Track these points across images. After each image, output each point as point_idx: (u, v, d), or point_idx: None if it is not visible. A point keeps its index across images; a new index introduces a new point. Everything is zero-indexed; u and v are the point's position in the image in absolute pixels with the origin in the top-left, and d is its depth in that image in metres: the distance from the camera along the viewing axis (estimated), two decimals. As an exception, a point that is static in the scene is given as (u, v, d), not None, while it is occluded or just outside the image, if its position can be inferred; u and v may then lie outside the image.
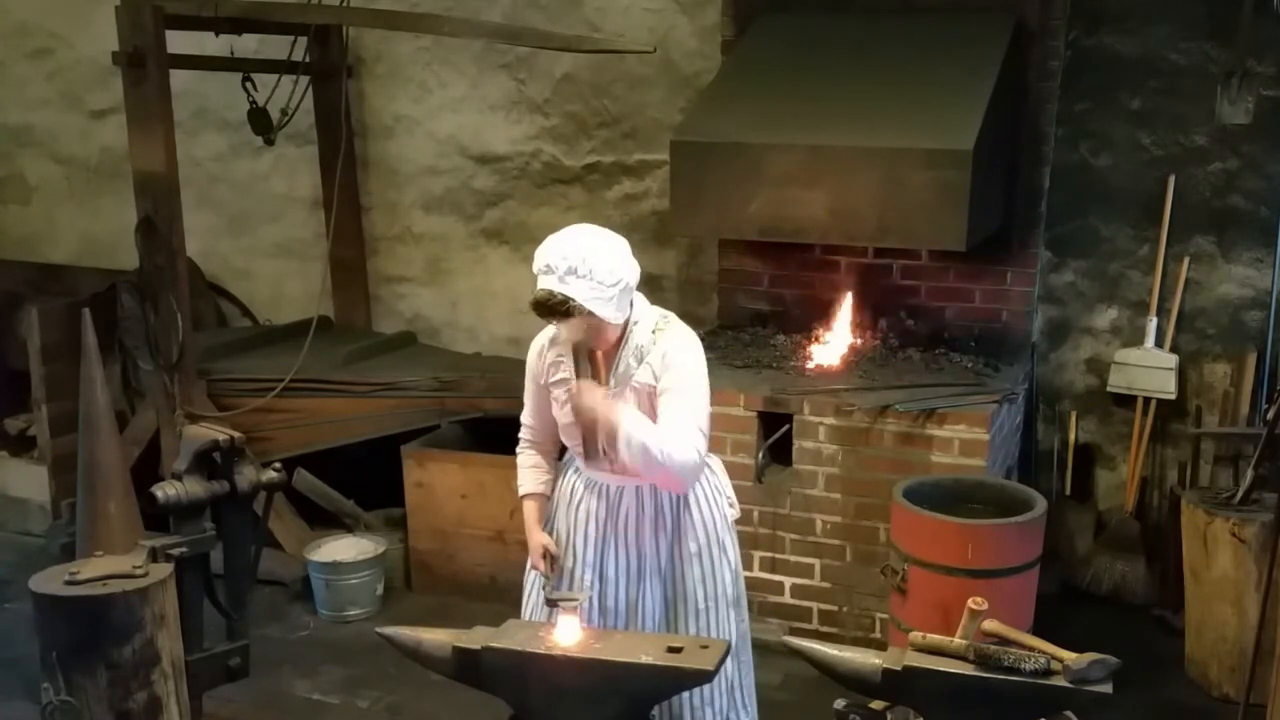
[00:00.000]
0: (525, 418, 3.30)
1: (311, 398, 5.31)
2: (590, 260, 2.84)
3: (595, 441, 2.97)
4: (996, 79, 4.40)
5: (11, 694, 4.17)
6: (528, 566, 3.32)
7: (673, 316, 3.13)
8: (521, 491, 3.30)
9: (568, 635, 2.82)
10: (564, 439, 3.23)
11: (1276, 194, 4.85)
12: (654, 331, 3.04)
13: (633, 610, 3.17)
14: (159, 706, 3.05)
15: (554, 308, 2.85)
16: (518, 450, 3.34)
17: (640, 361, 3.02)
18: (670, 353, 3.01)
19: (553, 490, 3.30)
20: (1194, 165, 4.95)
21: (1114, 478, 5.27)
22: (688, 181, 4.48)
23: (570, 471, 3.27)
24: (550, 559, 3.18)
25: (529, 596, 3.31)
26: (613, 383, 3.03)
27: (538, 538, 3.21)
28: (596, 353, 3.06)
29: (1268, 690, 3.42)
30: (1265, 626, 3.65)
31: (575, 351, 3.07)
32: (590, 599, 3.15)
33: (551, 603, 3.03)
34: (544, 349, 3.17)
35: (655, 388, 3.00)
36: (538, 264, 2.89)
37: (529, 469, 3.30)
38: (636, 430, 2.85)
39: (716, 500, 3.23)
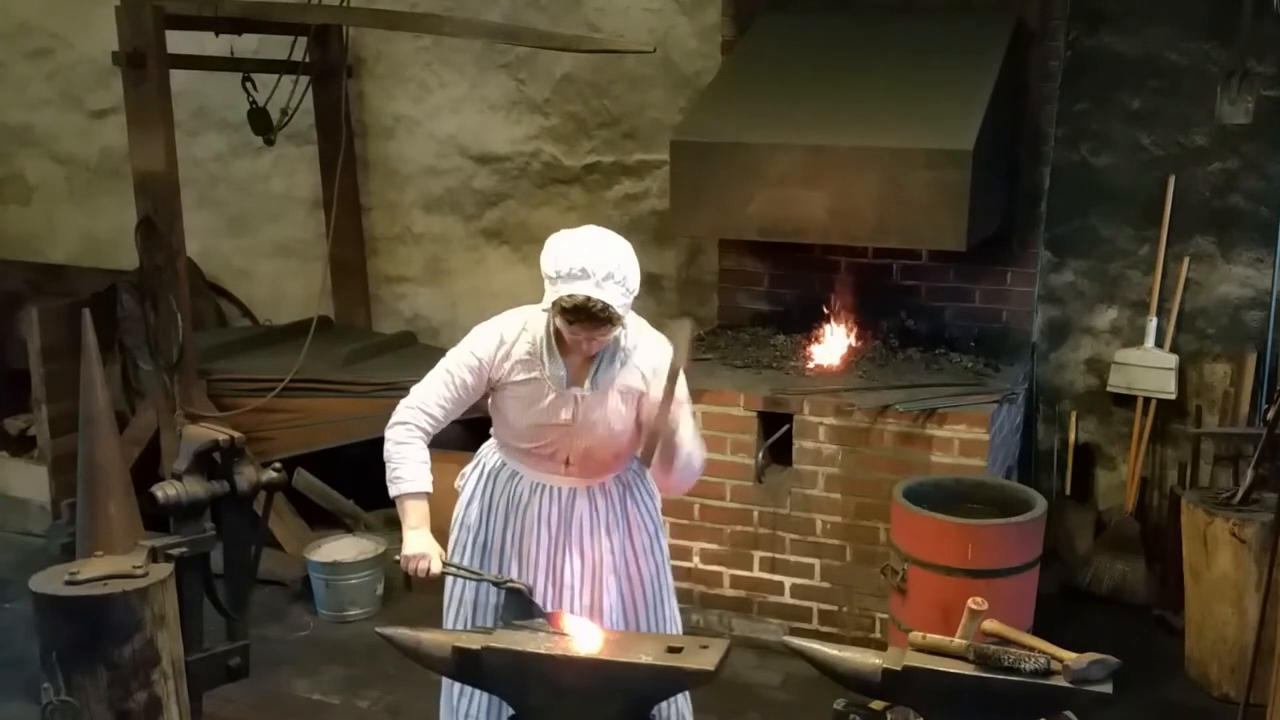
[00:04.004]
0: (428, 403, 3.04)
1: (311, 398, 5.30)
2: (624, 267, 2.80)
3: (652, 451, 2.89)
4: (996, 79, 4.41)
5: (11, 694, 4.17)
6: (450, 584, 3.20)
7: (642, 319, 3.09)
8: (415, 488, 3.02)
9: (580, 631, 2.82)
10: (519, 439, 3.08)
11: (1276, 194, 4.85)
12: (639, 333, 3.02)
13: (593, 614, 3.10)
14: (159, 706, 3.06)
15: (595, 315, 2.75)
16: (403, 439, 3.02)
17: (624, 365, 2.98)
18: (661, 363, 2.98)
19: (481, 508, 3.19)
20: (1194, 165, 4.95)
21: (1114, 478, 5.27)
22: (688, 181, 4.48)
23: (505, 476, 3.16)
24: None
25: (453, 603, 3.21)
26: (589, 385, 2.96)
27: (432, 542, 3.03)
28: (569, 354, 2.97)
29: (1268, 690, 3.42)
30: (1265, 626, 3.64)
31: (551, 351, 2.96)
32: (546, 606, 3.06)
33: (515, 590, 2.96)
34: (510, 343, 2.99)
35: (643, 393, 2.98)
36: (567, 267, 2.76)
37: (422, 464, 3.03)
38: (696, 449, 2.94)
39: (653, 491, 3.23)
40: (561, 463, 3.06)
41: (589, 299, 2.73)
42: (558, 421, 3.00)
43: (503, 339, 3.01)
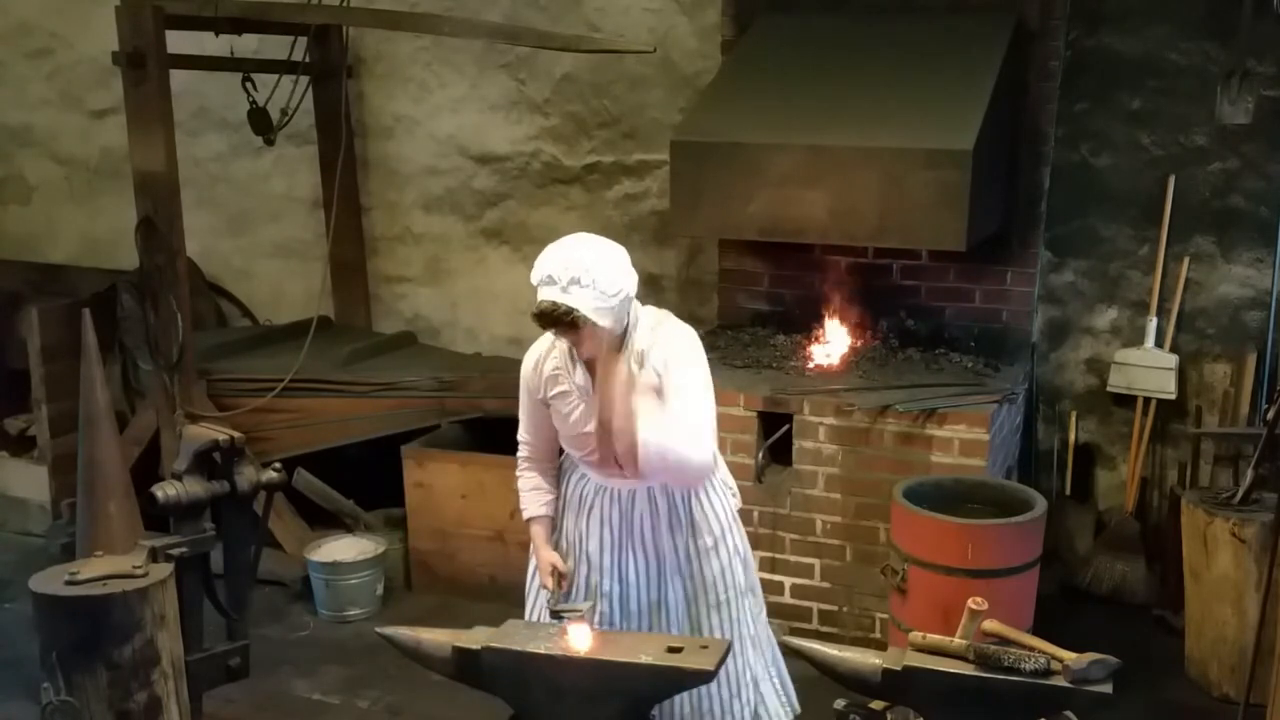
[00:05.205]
0: (523, 434, 3.25)
1: (311, 398, 5.30)
2: (594, 270, 2.80)
3: (609, 447, 2.93)
4: (996, 79, 4.40)
5: (11, 694, 4.17)
6: (530, 571, 3.31)
7: (668, 314, 3.11)
8: (526, 515, 3.27)
9: (579, 641, 2.82)
10: (569, 449, 3.19)
11: (1276, 194, 4.85)
12: (652, 330, 3.02)
13: (656, 610, 3.16)
14: (159, 706, 3.06)
15: (559, 319, 2.80)
16: (518, 472, 3.29)
17: (642, 366, 2.99)
18: (670, 351, 2.99)
19: (556, 508, 3.27)
20: (1194, 165, 4.95)
21: (1114, 478, 5.27)
22: (688, 181, 4.48)
23: (575, 477, 3.23)
24: (558, 576, 3.15)
25: (533, 602, 3.30)
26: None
27: (547, 556, 3.18)
28: (596, 362, 3.01)
29: (1268, 690, 3.42)
30: (1265, 626, 3.64)
31: (573, 362, 3.03)
32: (610, 603, 3.13)
33: (556, 615, 3.01)
34: (540, 361, 3.11)
35: (658, 387, 2.98)
36: (538, 274, 2.83)
37: (531, 492, 3.26)
38: (654, 435, 2.85)
39: (722, 491, 3.24)
40: (614, 466, 3.07)
41: (554, 304, 2.79)
42: (589, 431, 3.04)
43: (538, 358, 3.12)
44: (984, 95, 4.31)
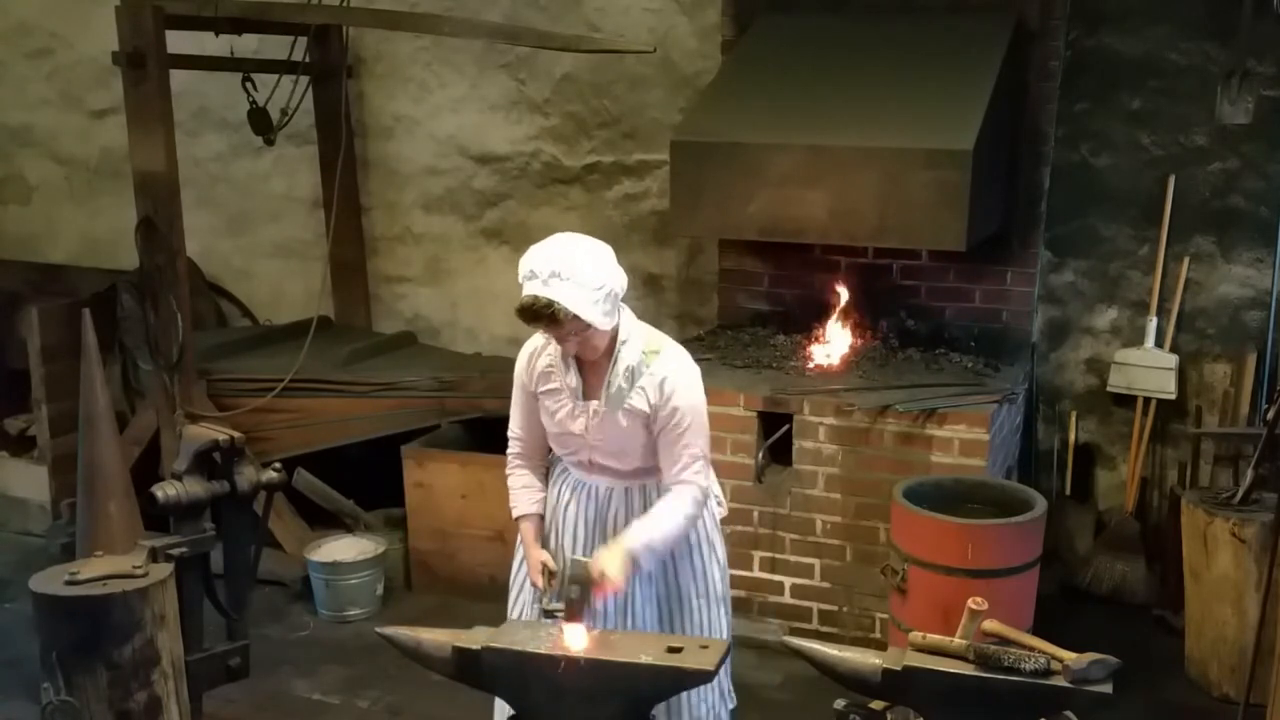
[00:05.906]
0: (514, 428, 3.25)
1: (311, 398, 5.31)
2: (573, 264, 2.83)
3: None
4: (996, 79, 4.41)
5: (11, 694, 4.17)
6: (514, 568, 3.30)
7: (667, 339, 3.10)
8: (516, 514, 3.25)
9: (575, 641, 2.82)
10: (555, 446, 3.20)
11: (1276, 194, 4.85)
12: (645, 353, 3.02)
13: (623, 611, 3.15)
14: (159, 706, 3.06)
15: (539, 312, 2.82)
16: (508, 470, 3.27)
17: (632, 385, 2.99)
18: (667, 383, 2.98)
19: (545, 506, 3.27)
20: (1194, 165, 4.95)
21: (1114, 478, 5.27)
22: (688, 181, 4.48)
23: (557, 473, 3.25)
24: (548, 575, 3.14)
25: (515, 596, 3.30)
26: (605, 401, 3.01)
27: (537, 555, 3.17)
28: (586, 365, 3.03)
29: (1268, 690, 3.42)
30: (1265, 626, 3.65)
31: (565, 362, 3.04)
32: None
33: (549, 614, 3.01)
34: (534, 355, 3.13)
35: (649, 415, 3.00)
36: (522, 271, 2.87)
37: (521, 490, 3.25)
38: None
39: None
40: (591, 467, 3.12)
41: (535, 298, 2.81)
42: (574, 431, 3.06)
43: (532, 352, 3.14)
44: (984, 95, 4.32)
